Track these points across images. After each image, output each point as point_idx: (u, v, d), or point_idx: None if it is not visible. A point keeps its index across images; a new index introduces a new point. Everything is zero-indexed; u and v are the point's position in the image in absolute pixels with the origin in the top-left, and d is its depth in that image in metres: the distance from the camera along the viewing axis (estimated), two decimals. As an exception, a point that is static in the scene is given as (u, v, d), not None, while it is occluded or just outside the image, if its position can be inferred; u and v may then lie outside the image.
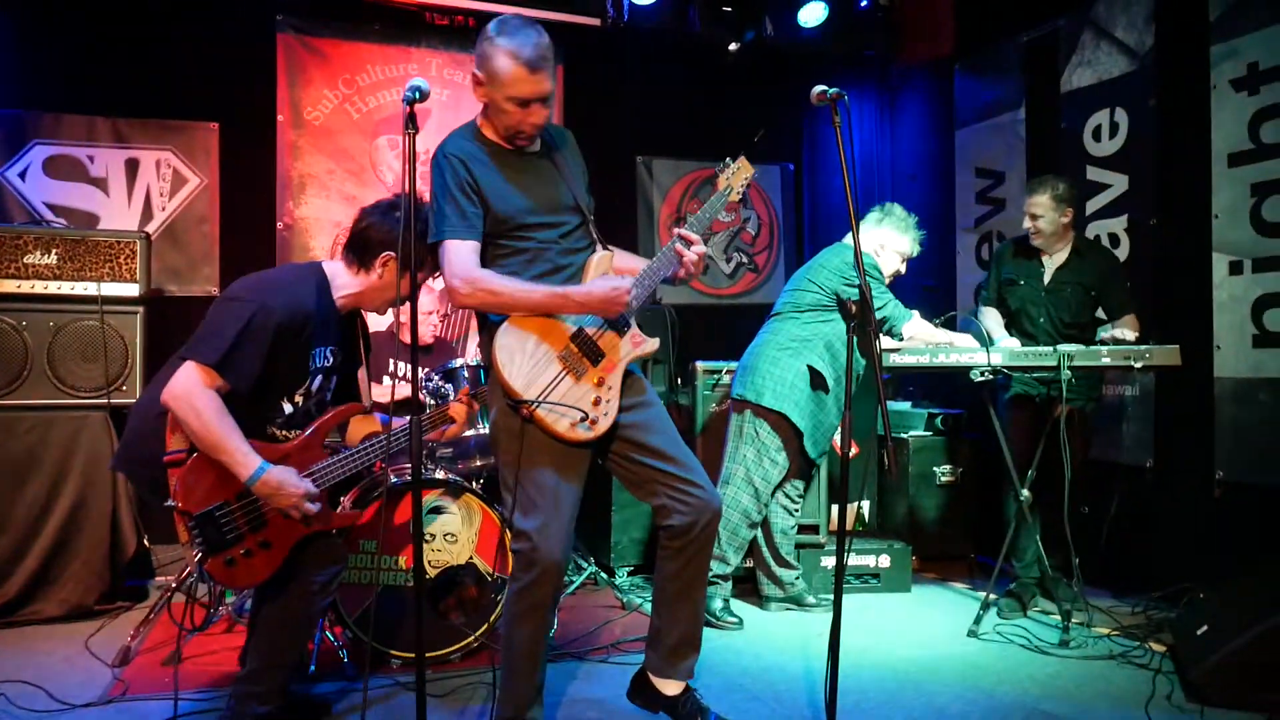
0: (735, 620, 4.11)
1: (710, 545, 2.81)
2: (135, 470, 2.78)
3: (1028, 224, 4.34)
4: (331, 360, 2.87)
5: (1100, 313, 4.34)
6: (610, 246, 2.81)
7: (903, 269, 4.46)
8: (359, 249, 2.80)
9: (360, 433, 3.03)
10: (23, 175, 5.02)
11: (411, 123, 2.33)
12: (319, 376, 2.84)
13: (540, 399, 2.57)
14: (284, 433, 2.82)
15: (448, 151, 2.66)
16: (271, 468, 2.59)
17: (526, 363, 2.59)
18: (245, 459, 2.56)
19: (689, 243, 2.68)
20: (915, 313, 4.21)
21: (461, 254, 2.60)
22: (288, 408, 2.79)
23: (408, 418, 2.66)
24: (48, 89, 5.08)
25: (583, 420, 2.60)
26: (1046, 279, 4.36)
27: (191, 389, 2.53)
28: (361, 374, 3.02)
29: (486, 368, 2.69)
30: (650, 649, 2.93)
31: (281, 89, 5.50)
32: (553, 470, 2.63)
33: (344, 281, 2.84)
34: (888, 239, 4.37)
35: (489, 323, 2.68)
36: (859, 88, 6.63)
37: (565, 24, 5.65)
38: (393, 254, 2.76)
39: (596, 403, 2.65)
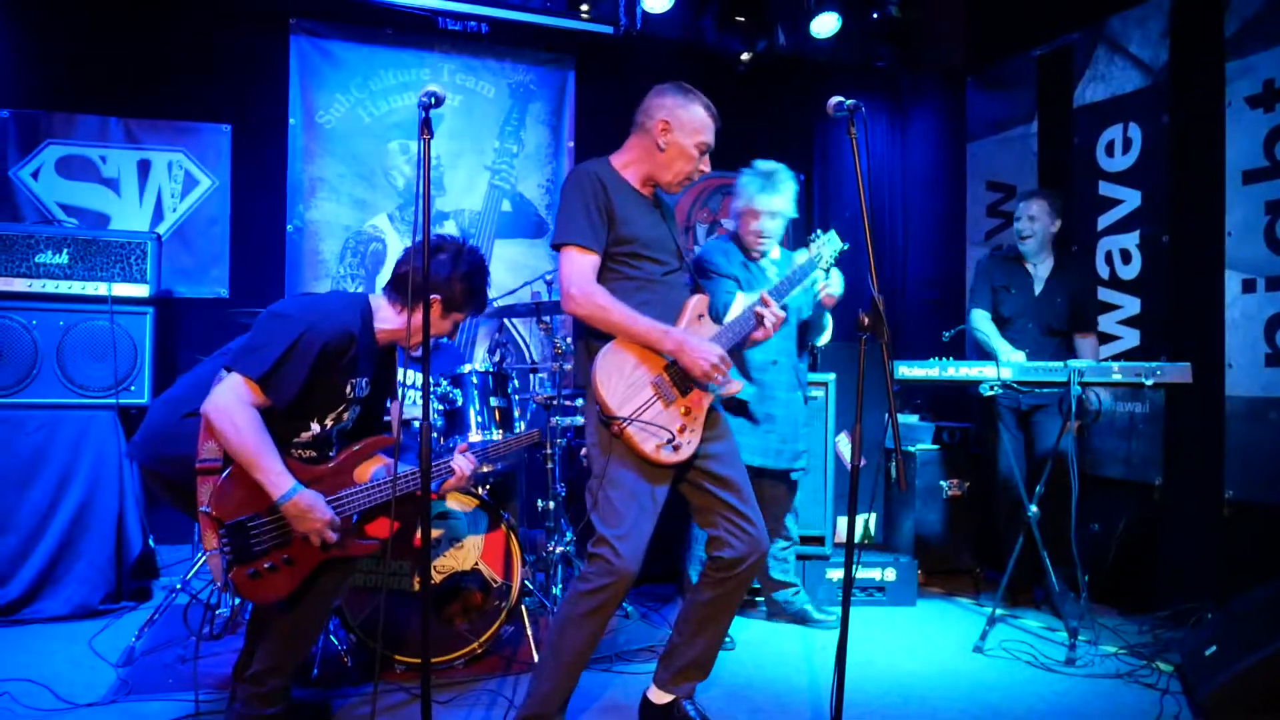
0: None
1: (749, 582, 2.93)
2: (157, 466, 2.77)
3: (1023, 226, 4.55)
4: (366, 391, 2.90)
5: None
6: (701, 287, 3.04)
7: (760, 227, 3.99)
8: (403, 289, 2.82)
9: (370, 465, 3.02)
10: (35, 175, 5.03)
11: (427, 127, 2.35)
12: (352, 404, 2.87)
13: (632, 418, 2.69)
14: (305, 453, 2.83)
15: (590, 171, 2.84)
16: (303, 490, 2.60)
17: (623, 384, 2.72)
18: (279, 479, 2.57)
19: (767, 305, 2.85)
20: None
21: (582, 264, 2.75)
22: (315, 428, 2.80)
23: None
24: (61, 90, 5.10)
25: (669, 443, 2.73)
26: (1038, 288, 4.57)
27: (233, 404, 2.55)
28: (394, 407, 3.03)
29: (584, 384, 2.83)
30: (661, 662, 3.01)
31: (294, 92, 5.51)
32: (639, 485, 2.74)
33: (386, 315, 2.88)
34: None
35: (591, 340, 2.81)
36: (870, 99, 6.62)
37: (577, 32, 5.67)
38: (437, 296, 2.82)
39: (682, 430, 2.78)
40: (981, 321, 4.62)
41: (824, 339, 4.27)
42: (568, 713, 3.16)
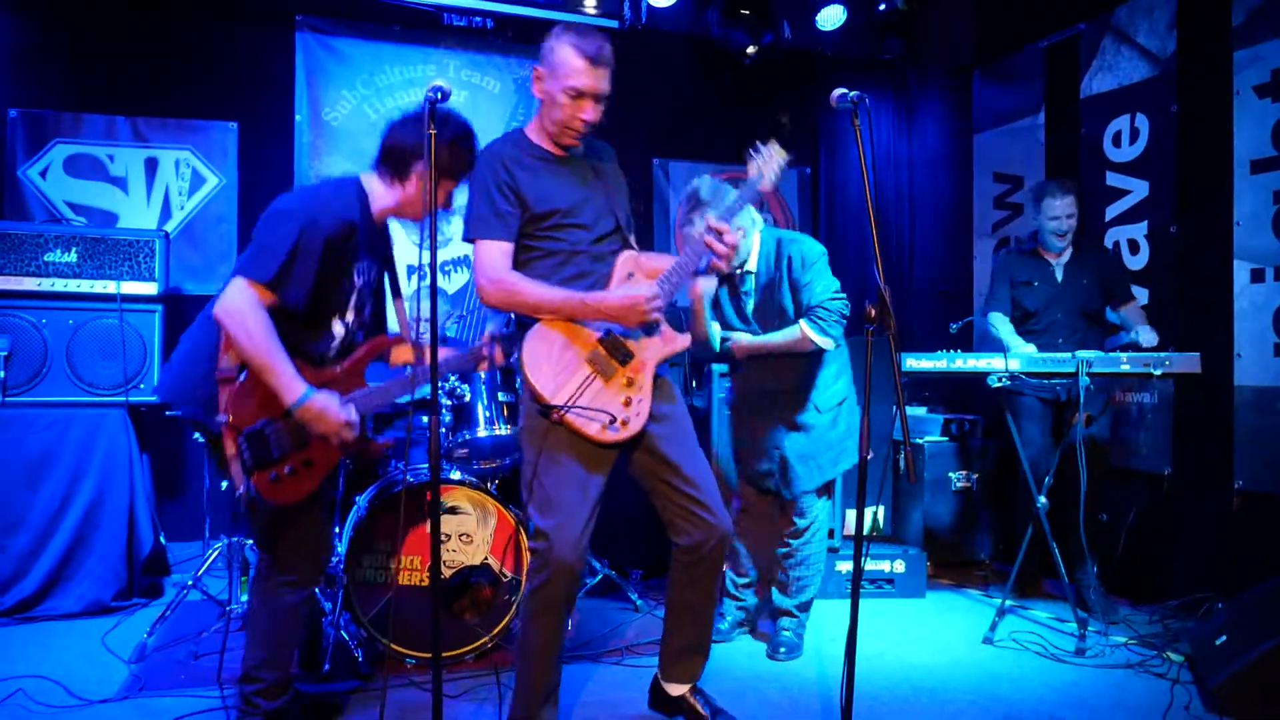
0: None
1: (718, 568, 2.85)
2: (188, 397, 2.74)
3: (1060, 226, 4.44)
4: (373, 276, 2.89)
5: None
6: (636, 247, 2.83)
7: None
8: (393, 162, 2.81)
9: (399, 359, 3.05)
10: (44, 174, 5.05)
11: (434, 121, 2.35)
12: (365, 294, 2.86)
13: (569, 405, 2.59)
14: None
15: (492, 151, 2.75)
16: (316, 393, 2.61)
17: (553, 367, 2.63)
18: (291, 382, 2.58)
19: (719, 232, 2.68)
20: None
21: (491, 254, 2.68)
22: (339, 328, 2.79)
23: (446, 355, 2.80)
24: (68, 89, 5.12)
25: (612, 423, 2.63)
26: (1060, 276, 4.51)
27: (244, 306, 2.54)
28: (398, 304, 3.05)
29: (519, 372, 2.71)
30: (660, 654, 3.01)
31: (300, 89, 5.52)
32: (574, 471, 2.65)
33: (380, 194, 2.84)
34: None
35: (523, 326, 2.72)
36: (876, 91, 6.61)
37: (582, 27, 5.64)
38: (423, 165, 2.76)
39: (627, 403, 2.67)
40: (1000, 324, 4.53)
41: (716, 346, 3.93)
42: (578, 705, 3.17)
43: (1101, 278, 4.47)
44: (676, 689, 2.97)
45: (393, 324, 3.08)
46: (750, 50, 5.98)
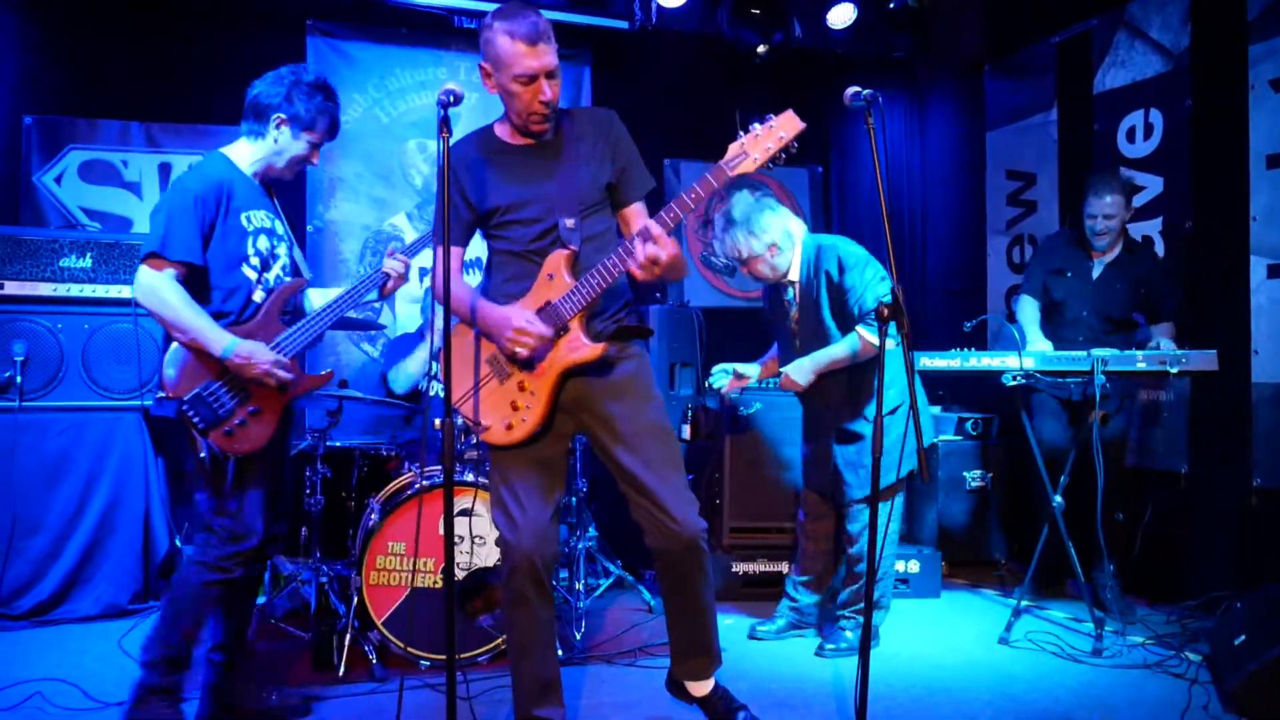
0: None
1: (695, 573, 2.77)
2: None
3: (1096, 225, 4.30)
4: (270, 224, 2.97)
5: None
6: (571, 246, 2.67)
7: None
8: (252, 117, 2.93)
9: (319, 303, 3.15)
10: (59, 180, 5.08)
11: (445, 126, 2.37)
12: (269, 240, 2.94)
13: (457, 406, 2.67)
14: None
15: (450, 151, 2.65)
16: (241, 340, 2.75)
17: (461, 367, 2.67)
18: (216, 336, 2.73)
19: (654, 239, 2.50)
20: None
21: (437, 259, 2.70)
22: (249, 272, 2.87)
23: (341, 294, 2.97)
24: (83, 95, 5.15)
25: (503, 424, 2.67)
26: (1095, 273, 4.39)
27: (151, 281, 2.72)
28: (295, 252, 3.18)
29: None
30: (671, 653, 2.98)
31: (312, 93, 5.53)
32: (510, 467, 2.71)
33: (244, 154, 2.96)
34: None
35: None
36: (888, 89, 6.58)
37: (592, 27, 5.66)
38: (283, 115, 2.89)
39: (515, 408, 2.66)
40: (1026, 309, 4.46)
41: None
42: (592, 706, 3.17)
43: (1140, 287, 4.30)
44: (701, 687, 2.93)
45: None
46: (761, 49, 5.96)
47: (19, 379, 4.08)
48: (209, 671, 2.95)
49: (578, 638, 3.80)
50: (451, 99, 2.36)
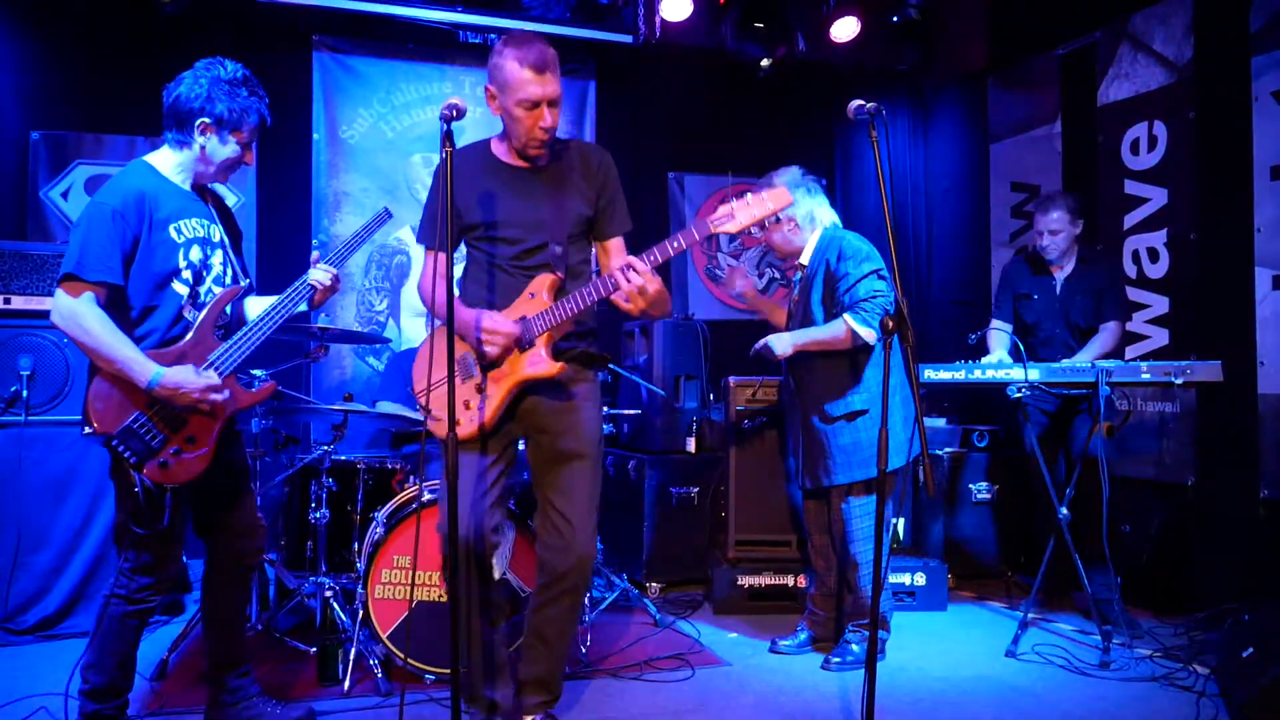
0: None
1: (576, 594, 2.85)
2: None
3: (1047, 240, 4.45)
4: (205, 232, 2.82)
5: None
6: (558, 272, 2.81)
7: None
8: (174, 125, 2.78)
9: (257, 311, 2.96)
10: (65, 195, 5.11)
11: (449, 140, 2.38)
12: (200, 249, 2.79)
13: (422, 395, 2.83)
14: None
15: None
16: (166, 370, 2.59)
17: (432, 361, 2.79)
18: (140, 366, 2.56)
19: (634, 269, 2.62)
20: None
21: (425, 259, 2.93)
22: (180, 287, 2.74)
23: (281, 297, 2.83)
24: (89, 111, 5.19)
25: (434, 419, 2.81)
26: (1059, 290, 4.51)
27: (69, 306, 2.56)
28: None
29: None
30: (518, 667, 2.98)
31: (317, 107, 5.57)
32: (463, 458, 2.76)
33: (168, 162, 2.80)
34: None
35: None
36: (891, 102, 6.61)
37: (597, 42, 5.69)
38: (207, 119, 2.75)
39: (467, 405, 2.78)
40: (995, 335, 4.52)
41: None
42: (597, 721, 3.16)
43: (1094, 292, 4.43)
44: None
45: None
46: (765, 63, 5.99)
47: (25, 393, 4.08)
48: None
49: (583, 651, 3.79)
50: (454, 113, 2.39)
